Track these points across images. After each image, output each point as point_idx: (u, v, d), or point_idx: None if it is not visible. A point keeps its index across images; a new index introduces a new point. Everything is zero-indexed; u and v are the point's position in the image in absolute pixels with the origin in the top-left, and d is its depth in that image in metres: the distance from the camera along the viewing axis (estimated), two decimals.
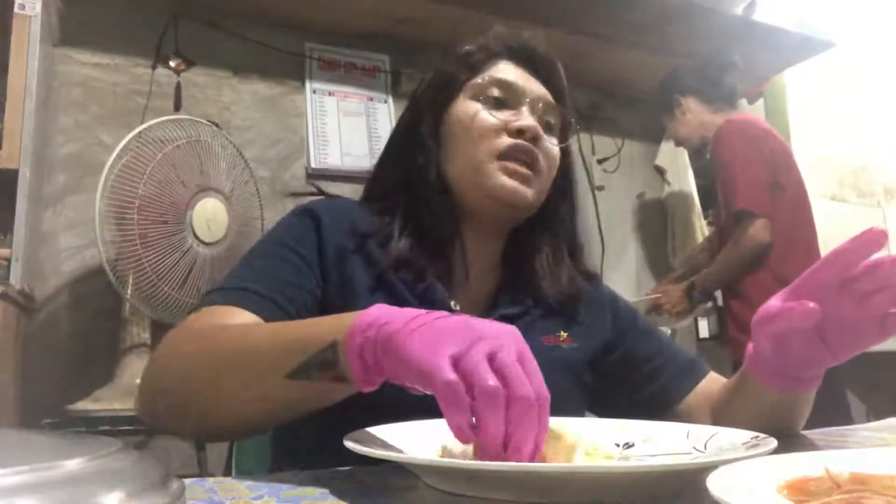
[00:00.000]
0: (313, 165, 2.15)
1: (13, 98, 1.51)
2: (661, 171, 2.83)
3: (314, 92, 2.22)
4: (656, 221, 2.83)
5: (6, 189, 1.48)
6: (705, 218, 2.73)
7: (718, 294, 2.31)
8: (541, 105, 0.81)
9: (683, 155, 2.75)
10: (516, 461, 0.43)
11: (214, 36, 2.06)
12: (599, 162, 2.70)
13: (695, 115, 2.15)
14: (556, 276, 0.83)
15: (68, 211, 1.82)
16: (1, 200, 1.50)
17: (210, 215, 1.69)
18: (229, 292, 0.68)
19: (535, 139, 0.77)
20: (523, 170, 0.77)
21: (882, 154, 3.19)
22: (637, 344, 0.86)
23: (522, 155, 0.77)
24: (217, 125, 1.83)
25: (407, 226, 0.78)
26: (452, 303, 0.78)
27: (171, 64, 1.99)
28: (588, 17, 2.18)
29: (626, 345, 0.85)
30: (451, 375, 0.43)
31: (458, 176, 0.80)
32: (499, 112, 0.79)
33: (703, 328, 2.76)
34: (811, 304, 0.53)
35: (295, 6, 2.07)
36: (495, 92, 0.80)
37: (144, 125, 1.65)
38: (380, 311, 0.51)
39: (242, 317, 0.65)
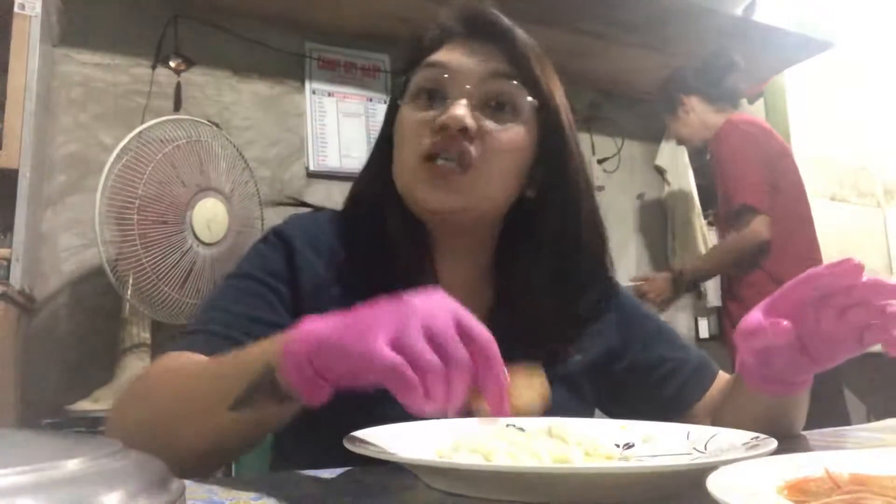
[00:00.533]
0: (311, 167, 2.16)
1: (13, 98, 1.51)
2: (661, 171, 2.84)
3: (314, 93, 2.22)
4: (656, 221, 2.83)
5: (6, 189, 1.48)
6: (705, 218, 2.74)
7: (718, 295, 2.31)
8: (486, 83, 0.70)
9: (683, 155, 2.75)
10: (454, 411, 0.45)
11: (214, 36, 2.06)
12: (599, 162, 2.70)
13: (697, 114, 2.16)
14: (549, 296, 0.74)
15: (68, 211, 1.82)
16: (1, 200, 1.50)
17: (210, 215, 1.69)
18: (189, 336, 0.66)
19: (463, 131, 0.68)
20: (445, 175, 0.68)
21: (882, 154, 3.20)
22: (645, 349, 0.81)
23: (446, 153, 0.68)
24: (217, 125, 1.83)
25: (380, 248, 0.72)
26: None
27: (171, 64, 2.00)
28: (588, 17, 2.19)
29: (633, 351, 0.81)
30: (390, 357, 0.43)
31: (398, 186, 0.73)
32: (427, 108, 0.71)
33: (703, 328, 2.77)
34: (785, 323, 0.55)
35: (295, 6, 2.07)
36: (427, 84, 0.72)
37: (144, 125, 1.65)
38: (309, 324, 0.49)
39: (191, 360, 0.63)
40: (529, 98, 0.72)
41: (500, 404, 0.47)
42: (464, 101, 0.69)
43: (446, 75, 0.71)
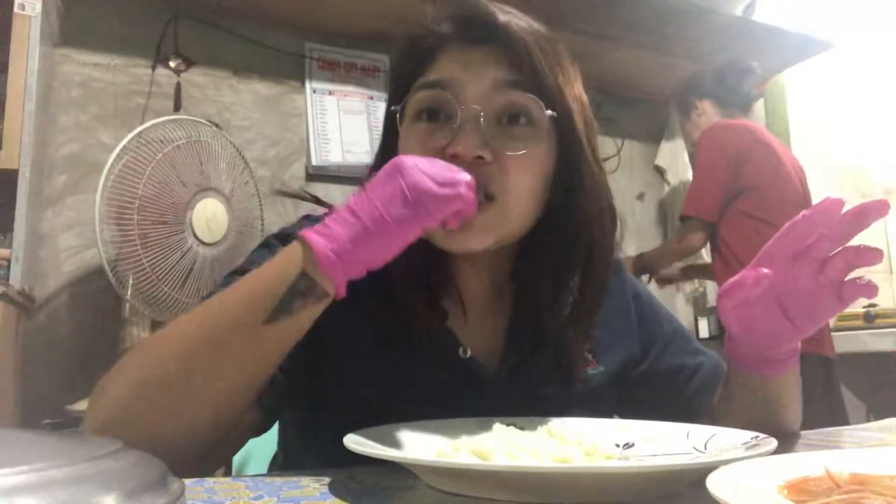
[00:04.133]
0: (314, 163, 2.15)
1: (13, 98, 1.51)
2: (661, 171, 2.84)
3: (314, 91, 2.22)
4: (656, 221, 2.83)
5: (6, 189, 1.48)
6: None
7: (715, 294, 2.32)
8: (494, 97, 0.64)
9: (683, 155, 2.75)
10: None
11: (214, 36, 2.06)
12: None
13: (708, 117, 2.17)
14: (567, 305, 0.71)
15: (68, 211, 1.82)
16: (1, 200, 1.50)
17: (210, 215, 1.69)
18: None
19: (478, 159, 0.62)
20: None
21: (882, 154, 3.19)
22: (663, 355, 0.80)
23: None
24: (217, 125, 1.83)
25: (394, 265, 0.67)
26: (461, 349, 0.70)
27: (171, 64, 2.00)
28: (588, 17, 2.18)
29: (651, 357, 0.80)
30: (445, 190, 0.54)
31: None
32: (433, 133, 0.65)
33: (703, 328, 2.77)
34: (763, 270, 0.55)
35: (295, 6, 2.07)
36: (429, 105, 0.65)
37: (144, 125, 1.65)
38: (320, 228, 0.54)
39: None
40: (547, 110, 0.65)
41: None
42: (473, 125, 0.63)
43: (449, 95, 0.64)
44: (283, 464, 0.80)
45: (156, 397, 0.53)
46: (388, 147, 0.71)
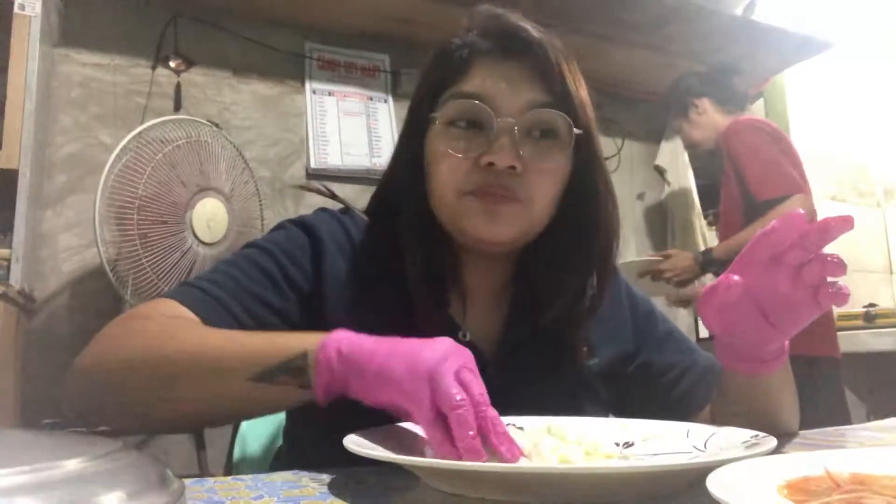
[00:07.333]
0: (313, 165, 2.16)
1: (13, 98, 1.51)
2: (661, 171, 2.83)
3: (314, 92, 2.22)
4: (656, 221, 2.83)
5: (6, 189, 1.48)
6: (705, 218, 2.73)
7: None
8: (527, 114, 0.69)
9: (683, 155, 2.75)
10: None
11: (214, 36, 2.06)
12: None
13: (709, 115, 2.15)
14: (567, 304, 0.74)
15: (68, 211, 1.82)
16: (1, 200, 1.50)
17: (210, 215, 1.69)
18: (187, 288, 0.67)
19: (511, 168, 0.67)
20: (494, 206, 0.68)
21: (882, 154, 3.19)
22: (656, 352, 0.82)
23: (493, 189, 0.68)
24: (217, 125, 1.83)
25: (410, 259, 0.72)
26: (460, 333, 0.72)
27: (171, 64, 2.00)
28: (588, 17, 2.19)
29: (644, 354, 0.82)
30: (432, 417, 0.48)
31: (438, 213, 0.73)
32: (469, 141, 0.69)
33: (704, 328, 2.77)
34: (735, 278, 0.56)
35: (295, 6, 2.07)
36: (464, 114, 0.70)
37: (144, 125, 1.65)
38: (350, 332, 0.54)
39: (181, 313, 0.64)
40: (574, 129, 0.70)
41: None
42: (508, 137, 0.67)
43: (486, 107, 0.68)
44: (288, 458, 0.80)
45: (139, 384, 0.59)
46: (411, 148, 0.75)
